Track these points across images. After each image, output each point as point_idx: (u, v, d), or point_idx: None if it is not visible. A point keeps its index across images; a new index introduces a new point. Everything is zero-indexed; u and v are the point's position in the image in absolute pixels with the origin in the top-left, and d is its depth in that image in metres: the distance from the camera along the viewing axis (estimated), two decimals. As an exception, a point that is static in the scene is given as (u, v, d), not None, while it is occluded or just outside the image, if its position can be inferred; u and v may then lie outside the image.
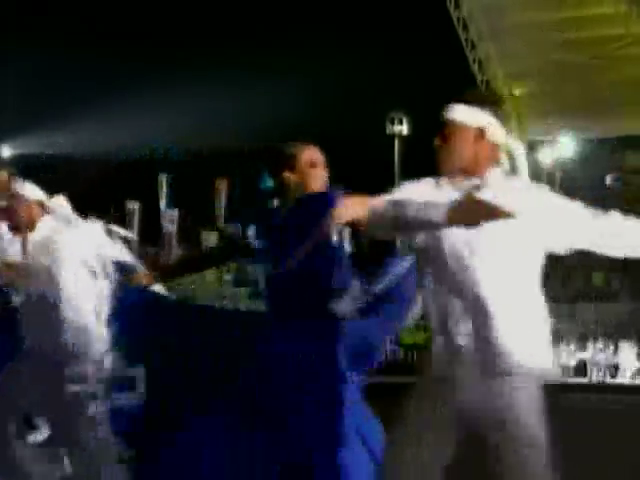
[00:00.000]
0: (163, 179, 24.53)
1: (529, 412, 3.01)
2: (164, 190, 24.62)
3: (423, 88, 23.71)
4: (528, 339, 3.06)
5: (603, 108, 25.17)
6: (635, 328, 19.62)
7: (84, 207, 5.58)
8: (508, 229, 3.01)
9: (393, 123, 26.34)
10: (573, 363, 19.76)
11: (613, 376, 19.12)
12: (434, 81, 24.07)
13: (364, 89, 23.99)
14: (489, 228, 2.95)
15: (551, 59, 25.37)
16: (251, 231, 3.61)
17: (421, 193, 3.16)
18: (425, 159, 3.78)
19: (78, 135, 25.75)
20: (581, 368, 19.71)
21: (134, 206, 24.38)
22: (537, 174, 27.52)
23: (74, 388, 4.50)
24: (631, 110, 25.37)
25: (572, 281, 21.86)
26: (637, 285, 21.55)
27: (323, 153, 3.62)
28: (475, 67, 27.03)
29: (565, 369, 19.61)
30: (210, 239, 23.62)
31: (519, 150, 3.19)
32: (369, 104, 23.10)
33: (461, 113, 3.19)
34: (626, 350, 19.27)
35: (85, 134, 25.75)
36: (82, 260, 4.38)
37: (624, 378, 18.84)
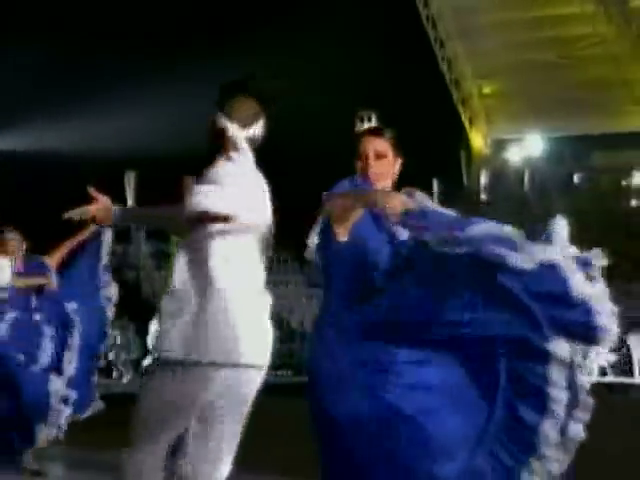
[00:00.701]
0: (130, 176, 24.38)
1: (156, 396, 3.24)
2: (131, 187, 24.47)
3: (392, 86, 23.75)
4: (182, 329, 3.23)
5: (571, 107, 25.34)
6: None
7: (51, 204, 5.53)
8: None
9: (362, 121, 26.36)
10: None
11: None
12: (403, 79, 24.10)
13: (333, 87, 24.02)
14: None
15: (519, 58, 25.51)
16: None
17: None
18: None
19: (46, 133, 25.57)
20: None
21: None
22: (506, 172, 27.68)
23: None
24: (598, 110, 25.57)
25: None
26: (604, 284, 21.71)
27: (296, 153, 3.61)
28: (444, 66, 27.12)
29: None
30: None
31: (238, 137, 3.41)
32: (338, 102, 23.07)
33: None
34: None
35: (53, 132, 25.55)
36: None
37: (594, 376, 19.02)
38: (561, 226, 3.11)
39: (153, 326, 21.11)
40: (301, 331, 18.92)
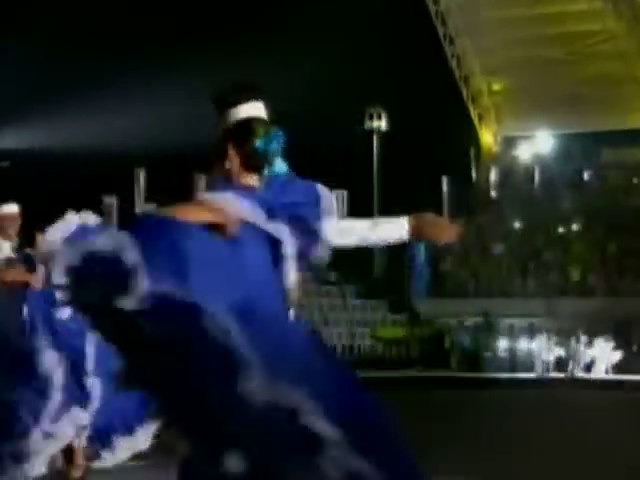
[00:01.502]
0: (140, 174, 24.42)
1: None
2: (141, 185, 24.51)
3: (402, 84, 23.72)
4: None
5: (579, 104, 25.30)
6: (611, 323, 19.67)
7: (62, 202, 5.54)
8: None
9: (372, 118, 26.37)
10: (552, 358, 19.87)
11: (589, 370, 19.21)
12: (413, 77, 24.07)
13: (342, 84, 24.02)
14: None
15: (528, 55, 25.46)
16: None
17: None
18: (403, 154, 3.78)
19: (56, 130, 25.59)
20: (560, 363, 19.80)
21: (111, 201, 24.29)
22: (515, 169, 27.64)
23: None
24: (606, 106, 25.50)
25: (549, 277, 21.95)
26: (613, 281, 21.67)
27: (302, 149, 3.61)
28: (453, 62, 27.09)
29: (545, 364, 19.70)
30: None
31: None
32: (348, 99, 23.11)
33: None
34: (601, 345, 19.38)
35: (64, 129, 25.59)
36: None
37: (599, 373, 18.95)
38: None
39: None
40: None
